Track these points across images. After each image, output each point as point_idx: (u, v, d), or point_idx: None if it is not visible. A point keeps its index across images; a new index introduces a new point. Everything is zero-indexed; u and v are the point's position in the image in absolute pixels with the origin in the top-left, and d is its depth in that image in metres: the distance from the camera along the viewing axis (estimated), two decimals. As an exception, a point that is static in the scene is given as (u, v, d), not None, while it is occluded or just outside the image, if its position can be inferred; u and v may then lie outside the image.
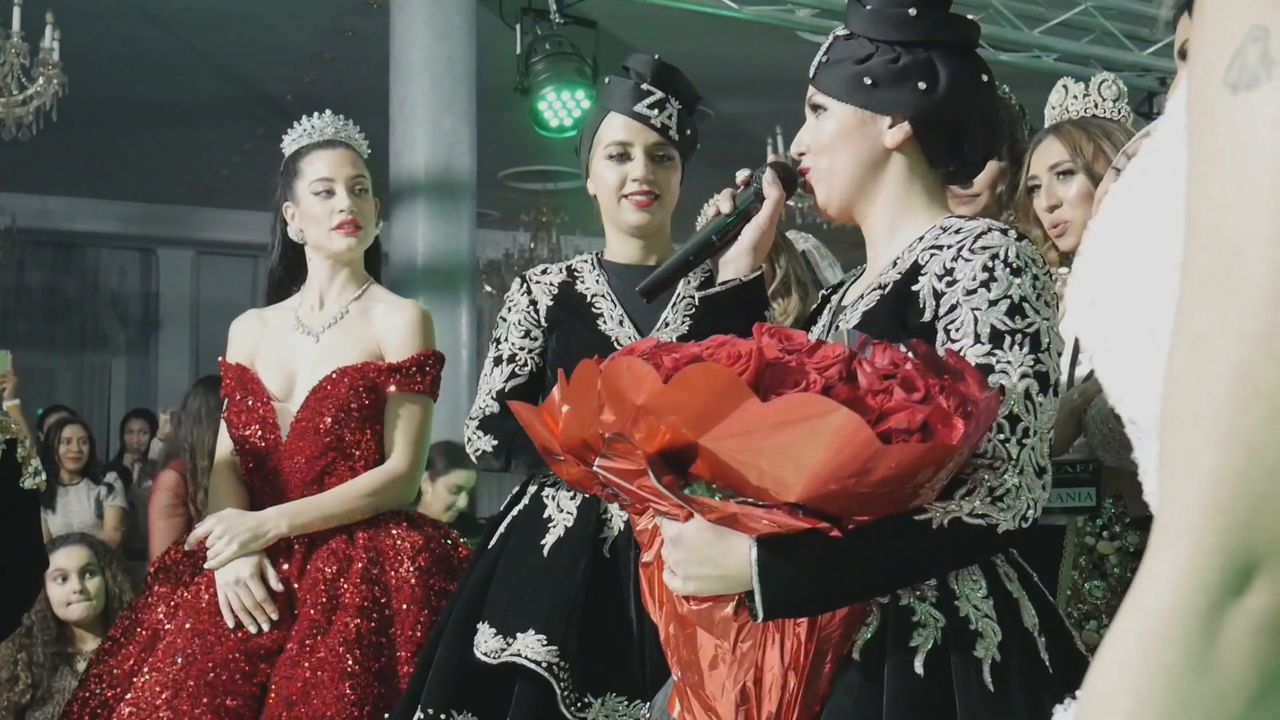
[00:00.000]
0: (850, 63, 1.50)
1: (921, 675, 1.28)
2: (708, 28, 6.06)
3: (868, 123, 1.50)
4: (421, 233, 5.65)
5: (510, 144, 7.04)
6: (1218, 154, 0.52)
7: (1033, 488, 1.32)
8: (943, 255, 1.41)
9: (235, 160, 8.37)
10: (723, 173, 2.54)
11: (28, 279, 9.77)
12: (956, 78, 1.50)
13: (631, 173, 2.09)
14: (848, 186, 1.52)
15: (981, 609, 1.33)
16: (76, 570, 3.24)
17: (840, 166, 1.52)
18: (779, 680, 1.29)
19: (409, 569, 2.26)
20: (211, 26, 6.55)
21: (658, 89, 2.09)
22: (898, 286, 1.44)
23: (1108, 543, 1.94)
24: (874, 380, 1.22)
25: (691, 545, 1.27)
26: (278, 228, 2.48)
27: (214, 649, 2.18)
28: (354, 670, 2.13)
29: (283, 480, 2.35)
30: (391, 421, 2.37)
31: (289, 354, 2.43)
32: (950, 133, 1.51)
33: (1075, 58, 6.12)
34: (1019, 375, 1.34)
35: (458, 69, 5.65)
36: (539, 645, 1.91)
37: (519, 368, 2.13)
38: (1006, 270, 1.36)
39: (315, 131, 2.47)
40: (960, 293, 1.38)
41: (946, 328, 1.38)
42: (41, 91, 5.15)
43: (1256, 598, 0.50)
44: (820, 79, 1.54)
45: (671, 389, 1.19)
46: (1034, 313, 1.36)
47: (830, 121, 1.52)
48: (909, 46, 1.49)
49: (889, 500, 1.23)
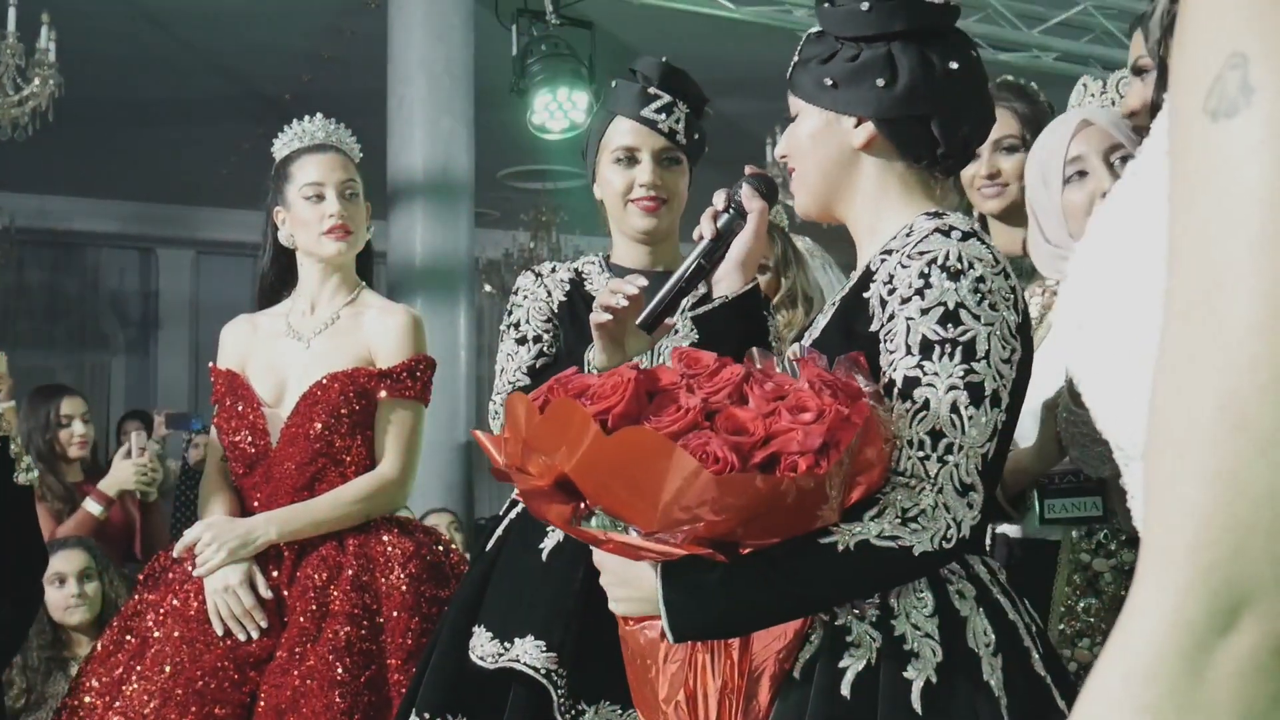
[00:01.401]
0: (816, 63, 1.48)
1: (847, 697, 1.26)
2: (704, 28, 6.05)
3: (833, 124, 1.47)
4: (420, 233, 5.63)
5: (509, 144, 7.02)
6: (1199, 182, 0.51)
7: (954, 507, 1.26)
8: (890, 261, 1.37)
9: (234, 160, 8.35)
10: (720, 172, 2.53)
11: (27, 279, 9.76)
12: (917, 69, 1.42)
13: (639, 178, 2.07)
14: (820, 189, 1.50)
15: (922, 628, 1.28)
16: (75, 574, 3.23)
17: (812, 169, 1.50)
18: (714, 701, 1.31)
19: (400, 576, 2.25)
20: (210, 26, 6.53)
21: (665, 93, 2.08)
22: (851, 294, 1.42)
23: (1103, 560, 1.92)
24: (762, 402, 1.22)
25: (611, 569, 1.33)
26: (269, 232, 2.47)
27: (203, 657, 2.17)
28: (344, 679, 2.12)
29: (273, 486, 2.34)
30: (382, 427, 2.36)
31: (279, 359, 2.41)
32: (919, 125, 1.44)
33: (1074, 57, 6.10)
34: (946, 388, 1.28)
35: (456, 69, 5.63)
36: (537, 651, 1.90)
37: (546, 347, 2.08)
38: (943, 275, 1.31)
39: (306, 135, 2.45)
40: (897, 301, 1.34)
41: (885, 337, 1.34)
42: (37, 92, 5.13)
43: (1243, 637, 0.49)
44: (794, 81, 1.52)
45: (542, 423, 1.23)
46: (971, 319, 1.30)
47: (802, 125, 1.50)
48: (868, 41, 1.44)
49: (782, 523, 1.20)
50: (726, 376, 1.26)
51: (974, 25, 5.95)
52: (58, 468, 3.73)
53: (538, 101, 5.53)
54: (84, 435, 3.78)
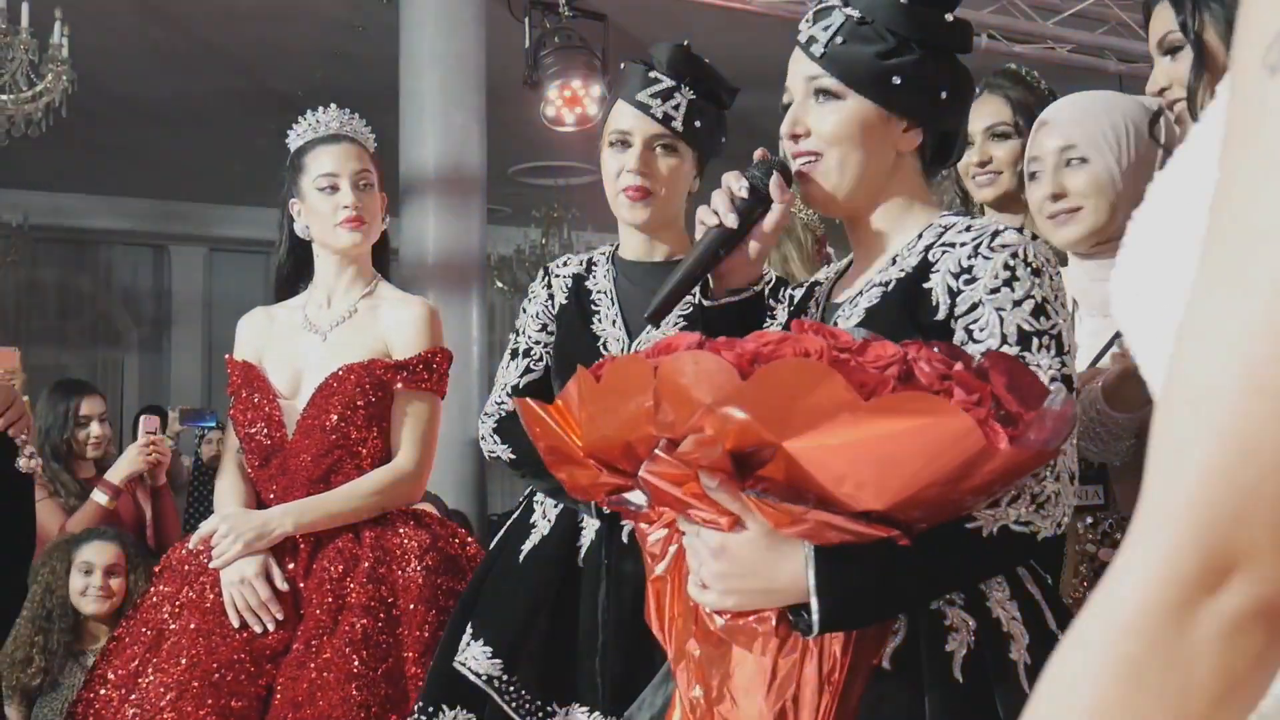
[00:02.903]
0: (873, 55, 1.42)
1: (961, 681, 1.24)
2: (718, 21, 6.02)
3: (885, 121, 1.44)
4: (432, 228, 5.62)
5: (521, 139, 7.01)
6: (1251, 136, 0.50)
7: (1065, 494, 1.29)
8: (956, 253, 1.36)
9: (247, 157, 8.36)
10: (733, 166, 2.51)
11: (40, 276, 9.78)
12: (963, 84, 1.47)
13: (627, 163, 2.01)
14: (860, 184, 1.45)
15: (1008, 610, 1.29)
16: (103, 567, 3.24)
17: (856, 163, 1.44)
18: (813, 697, 1.23)
19: (416, 568, 2.24)
20: (222, 23, 6.53)
21: (668, 77, 2.01)
22: (904, 284, 1.39)
23: (1109, 550, 1.89)
24: (933, 380, 1.15)
25: (738, 557, 1.19)
26: (284, 224, 2.46)
27: (219, 649, 2.16)
28: (360, 671, 2.11)
29: (289, 478, 2.33)
30: (398, 419, 2.35)
31: (296, 352, 2.41)
32: (949, 140, 1.49)
33: (1090, 49, 6.06)
34: (1049, 379, 1.30)
35: (468, 64, 5.62)
36: (484, 657, 1.92)
37: (534, 362, 2.10)
38: (1028, 270, 1.33)
39: (320, 126, 2.44)
40: (983, 291, 1.33)
41: (968, 328, 1.34)
42: (50, 88, 5.13)
43: (1230, 598, 0.49)
44: (834, 63, 1.43)
45: (753, 386, 1.08)
46: (1055, 314, 1.33)
47: (846, 113, 1.43)
48: (933, 49, 1.43)
49: (951, 507, 1.19)
50: (880, 352, 1.17)
51: (989, 17, 5.91)
52: (72, 464, 3.74)
53: (550, 94, 5.51)
54: (100, 436, 3.79)
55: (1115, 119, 1.89)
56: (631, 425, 1.17)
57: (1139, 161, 1.88)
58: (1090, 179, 1.87)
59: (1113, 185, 1.86)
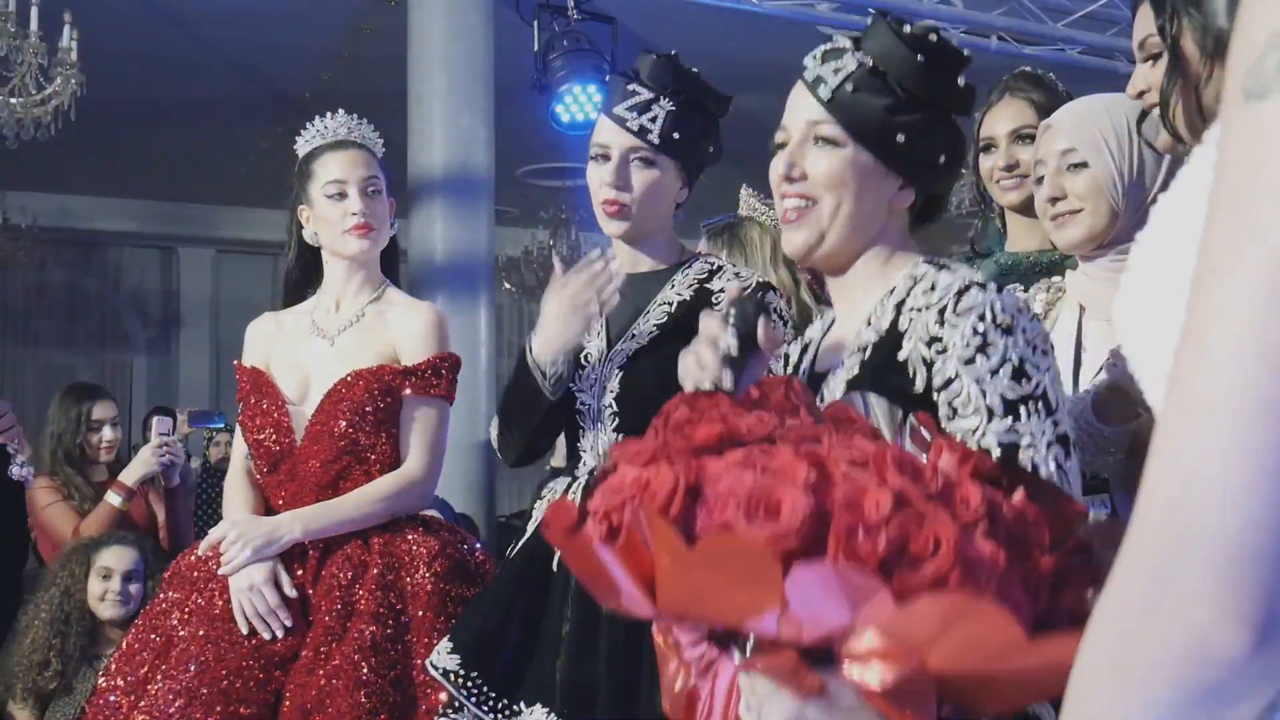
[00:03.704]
0: (881, 108, 1.38)
1: None
2: (726, 23, 6.02)
3: (881, 174, 1.41)
4: (440, 230, 5.62)
5: (528, 141, 7.01)
6: (1234, 160, 0.50)
7: None
8: (924, 318, 1.32)
9: (254, 159, 8.37)
10: (740, 168, 2.51)
11: (49, 278, 9.80)
12: (959, 151, 1.45)
13: (604, 176, 2.01)
14: (848, 235, 1.41)
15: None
16: (122, 572, 3.24)
17: (848, 213, 1.40)
18: None
19: (425, 575, 2.23)
20: (229, 25, 6.54)
21: (647, 89, 2.00)
22: (881, 350, 1.35)
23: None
24: (1012, 527, 0.96)
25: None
26: (293, 230, 2.46)
27: (227, 656, 2.15)
28: (369, 678, 2.10)
29: (297, 484, 2.32)
30: (407, 425, 2.34)
31: (304, 357, 2.40)
32: (937, 201, 1.47)
33: (1100, 51, 6.05)
34: (1046, 445, 1.26)
35: (475, 66, 5.61)
36: (444, 652, 1.94)
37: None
38: (999, 331, 1.28)
39: (328, 132, 2.44)
40: (956, 363, 1.29)
41: (950, 403, 1.29)
42: (60, 91, 5.14)
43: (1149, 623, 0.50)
44: (841, 109, 1.39)
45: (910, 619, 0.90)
46: (1036, 369, 1.28)
47: (845, 161, 1.40)
48: (939, 111, 1.41)
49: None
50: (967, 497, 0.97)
51: (998, 19, 5.90)
52: (85, 469, 3.75)
53: (560, 97, 5.51)
54: (112, 441, 3.80)
55: (1117, 121, 1.89)
56: (738, 613, 0.97)
57: (1142, 163, 1.88)
58: (1090, 182, 1.86)
59: (1112, 188, 1.86)
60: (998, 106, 2.35)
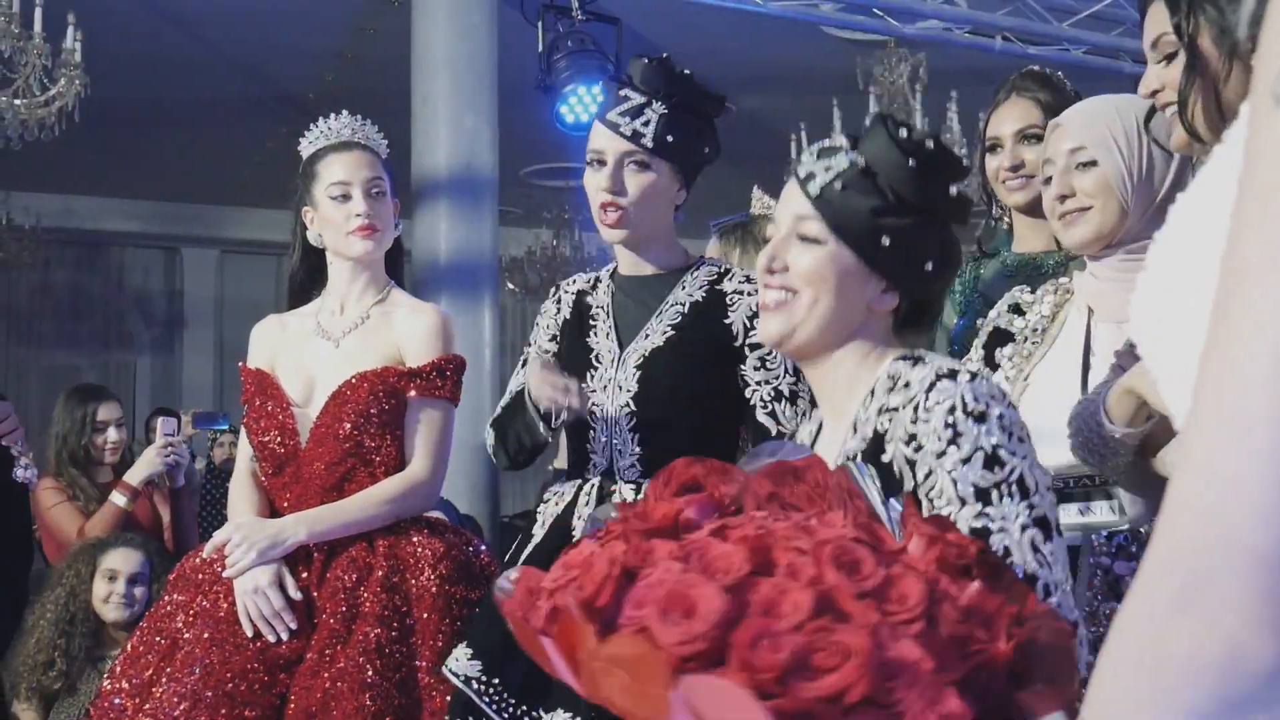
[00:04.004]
0: (868, 210, 1.38)
1: None
2: (730, 23, 6.01)
3: (864, 275, 1.41)
4: (444, 231, 5.62)
5: (532, 141, 7.01)
6: (1258, 169, 0.50)
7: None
8: (901, 417, 1.33)
9: (258, 159, 8.38)
10: (745, 170, 2.52)
11: (52, 278, 9.80)
12: (951, 257, 1.44)
13: (600, 182, 2.03)
14: (821, 331, 1.42)
15: None
16: (127, 574, 3.24)
17: (826, 308, 1.41)
18: None
19: (430, 577, 2.23)
20: (233, 26, 6.54)
21: (638, 93, 2.01)
22: (868, 458, 1.33)
23: (1124, 563, 1.87)
24: (955, 624, 0.96)
25: None
26: (297, 231, 2.46)
27: (232, 659, 2.15)
28: (374, 681, 2.10)
29: (302, 487, 2.32)
30: (412, 427, 2.34)
31: (309, 359, 2.40)
32: (924, 308, 1.46)
33: (1105, 51, 6.03)
34: (1019, 529, 1.25)
35: (479, 66, 5.61)
36: (464, 658, 1.94)
37: None
38: (969, 420, 1.28)
39: (332, 133, 2.43)
40: (930, 458, 1.29)
41: (928, 495, 1.29)
42: (64, 92, 5.14)
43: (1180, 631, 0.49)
44: (827, 206, 1.40)
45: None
46: (1011, 456, 1.28)
47: (826, 257, 1.40)
48: (929, 217, 1.40)
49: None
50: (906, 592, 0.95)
51: (1003, 19, 5.89)
52: (90, 469, 3.75)
53: (564, 98, 5.50)
54: (117, 442, 3.81)
55: (1127, 121, 1.88)
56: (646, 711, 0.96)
57: (1151, 163, 1.87)
58: (1098, 180, 1.86)
59: (1122, 186, 1.85)
60: (1004, 106, 2.34)
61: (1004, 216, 2.50)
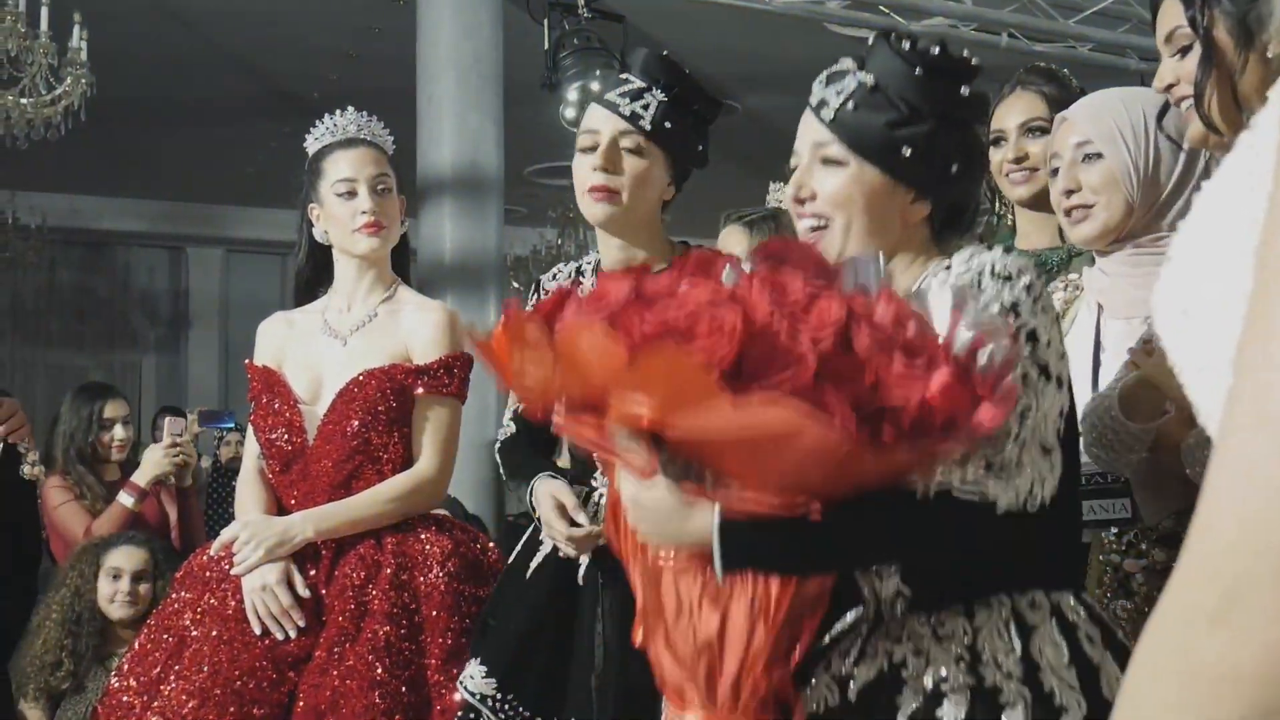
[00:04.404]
0: (883, 124, 1.40)
1: None
2: (735, 21, 6.00)
3: (892, 189, 1.42)
4: (449, 230, 5.62)
5: (537, 140, 7.00)
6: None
7: (1037, 463, 1.24)
8: (934, 281, 1.35)
9: (262, 158, 8.38)
10: (751, 169, 2.51)
11: (58, 278, 9.82)
12: (974, 159, 1.47)
13: (593, 161, 1.97)
14: (864, 248, 1.41)
15: (1065, 678, 1.25)
16: (131, 572, 3.24)
17: (860, 229, 1.42)
18: (743, 632, 1.25)
19: (438, 575, 2.22)
20: (238, 25, 6.54)
21: (638, 79, 1.99)
22: None
23: (1134, 561, 1.86)
24: (871, 347, 1.10)
25: (650, 508, 1.23)
26: (303, 228, 2.45)
27: (240, 657, 2.15)
28: (383, 679, 2.09)
29: (309, 484, 2.31)
30: (419, 425, 2.33)
31: (316, 357, 2.39)
32: (959, 210, 1.48)
33: (1112, 47, 6.02)
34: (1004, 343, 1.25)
35: (484, 66, 5.61)
36: (479, 675, 1.92)
37: None
38: (994, 280, 1.30)
39: (337, 130, 2.43)
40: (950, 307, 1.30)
41: None
42: (70, 91, 5.15)
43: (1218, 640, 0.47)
44: (842, 128, 1.41)
45: (636, 373, 1.09)
46: (1029, 314, 1.29)
47: (851, 179, 1.41)
48: (946, 121, 1.42)
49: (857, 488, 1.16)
50: (824, 314, 1.12)
51: (1009, 15, 5.88)
52: (97, 468, 3.75)
53: (570, 96, 5.50)
54: (124, 440, 3.80)
55: (1134, 114, 1.87)
56: (545, 383, 1.19)
57: (1158, 156, 1.86)
58: (1104, 175, 1.85)
59: (1128, 180, 1.84)
60: (1009, 99, 2.33)
61: (1008, 213, 2.49)
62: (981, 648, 1.26)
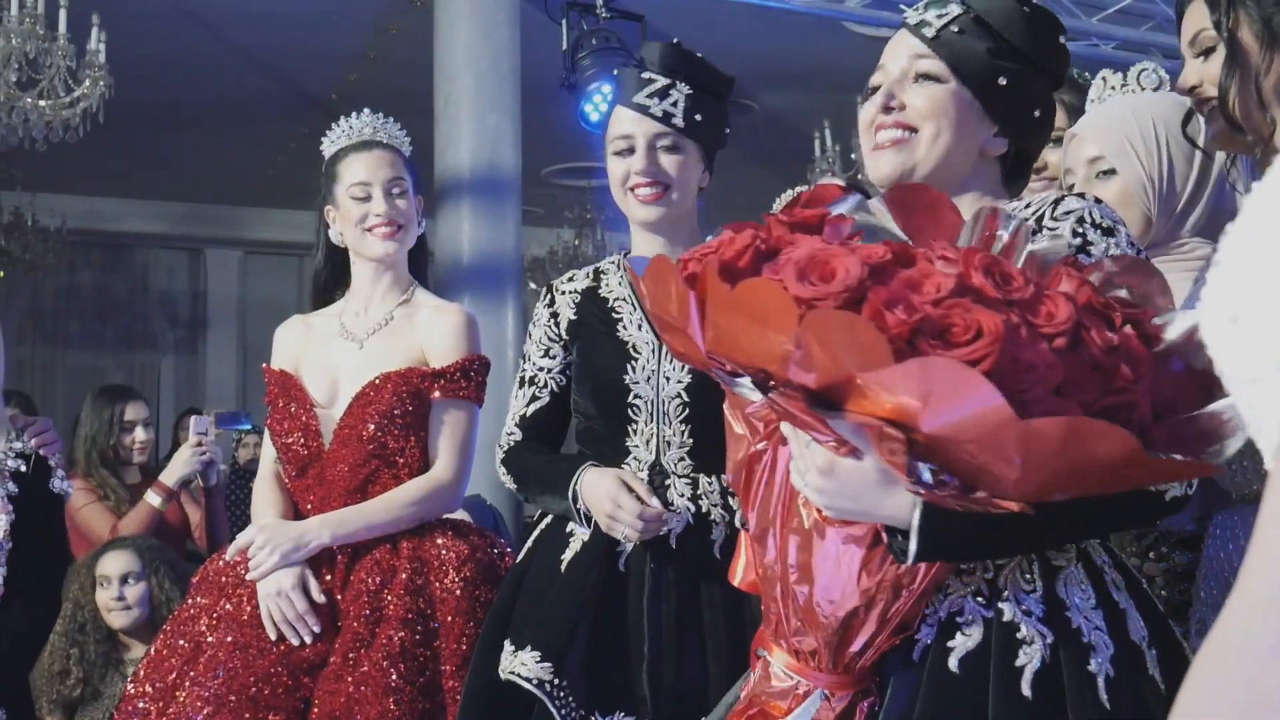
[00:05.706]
0: (984, 50, 1.41)
1: (1029, 697, 1.20)
2: (754, 20, 5.98)
3: (979, 116, 1.42)
4: (467, 230, 5.61)
5: (554, 140, 6.99)
6: None
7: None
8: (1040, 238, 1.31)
9: (281, 160, 8.40)
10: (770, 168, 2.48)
11: (78, 280, 9.87)
12: (1050, 113, 1.47)
13: (634, 165, 2.01)
14: (938, 170, 1.41)
15: (1092, 620, 1.24)
16: (117, 576, 3.23)
17: (944, 146, 1.41)
18: (889, 602, 1.24)
19: (454, 580, 2.20)
20: (256, 26, 6.55)
21: (661, 75, 2.01)
22: None
23: (1154, 564, 1.83)
24: (1102, 354, 1.00)
25: (846, 480, 1.15)
26: (321, 231, 2.45)
27: (255, 663, 2.13)
28: (398, 685, 2.08)
29: (326, 488, 2.30)
30: (436, 428, 2.31)
31: (333, 360, 2.38)
32: (1025, 160, 1.48)
33: (1135, 45, 5.97)
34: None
35: (502, 66, 5.60)
36: (533, 662, 1.89)
37: (539, 389, 2.11)
38: (1098, 232, 1.30)
39: (353, 132, 2.42)
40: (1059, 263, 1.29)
41: None
42: (88, 93, 5.15)
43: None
44: (945, 46, 1.41)
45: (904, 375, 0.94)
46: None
47: (948, 94, 1.41)
48: (1037, 67, 1.43)
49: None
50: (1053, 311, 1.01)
51: (1029, 14, 5.84)
52: (118, 469, 3.77)
53: (588, 96, 5.48)
54: (145, 442, 3.82)
55: (1144, 124, 1.85)
56: (766, 355, 1.04)
57: (1172, 164, 1.83)
58: (1119, 191, 1.83)
59: (1145, 193, 1.82)
60: None
61: None
62: (1004, 585, 1.25)
